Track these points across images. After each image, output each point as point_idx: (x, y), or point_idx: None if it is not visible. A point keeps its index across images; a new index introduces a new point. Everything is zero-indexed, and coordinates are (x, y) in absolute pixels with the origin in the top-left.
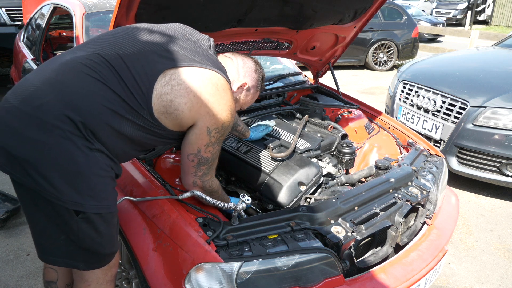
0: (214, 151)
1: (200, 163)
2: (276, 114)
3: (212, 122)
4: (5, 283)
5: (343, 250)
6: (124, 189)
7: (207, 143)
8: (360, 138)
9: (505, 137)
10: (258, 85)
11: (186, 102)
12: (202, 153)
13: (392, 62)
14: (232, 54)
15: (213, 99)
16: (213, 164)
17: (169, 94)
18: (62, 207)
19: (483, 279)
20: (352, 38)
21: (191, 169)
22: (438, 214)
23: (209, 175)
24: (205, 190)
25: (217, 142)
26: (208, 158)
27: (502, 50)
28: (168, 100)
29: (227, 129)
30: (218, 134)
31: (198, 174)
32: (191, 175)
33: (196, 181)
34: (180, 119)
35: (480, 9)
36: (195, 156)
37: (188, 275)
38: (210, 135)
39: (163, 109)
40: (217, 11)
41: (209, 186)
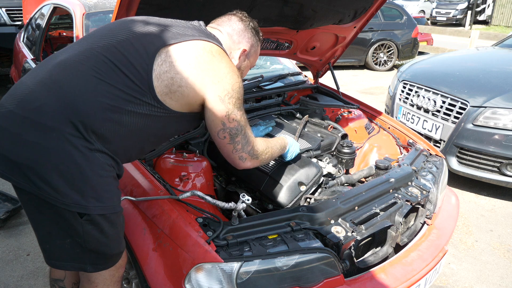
0: (239, 117)
1: (233, 136)
2: (276, 114)
3: (220, 89)
4: (5, 283)
5: (343, 250)
6: (124, 189)
7: (226, 113)
8: (360, 138)
9: (505, 137)
10: (255, 41)
11: (188, 76)
12: (227, 124)
13: (392, 62)
14: (217, 24)
15: (212, 65)
16: (246, 130)
17: (169, 71)
18: (65, 210)
19: (483, 279)
20: (352, 38)
21: (228, 147)
22: (438, 214)
23: (250, 144)
24: (258, 159)
25: (237, 108)
26: (237, 127)
27: (502, 50)
28: (169, 78)
29: (239, 90)
30: (232, 99)
31: (238, 148)
32: (234, 153)
33: (242, 156)
34: (186, 96)
35: (480, 9)
36: (223, 131)
37: (188, 275)
38: (224, 103)
39: (166, 89)
40: (217, 11)
41: (257, 153)
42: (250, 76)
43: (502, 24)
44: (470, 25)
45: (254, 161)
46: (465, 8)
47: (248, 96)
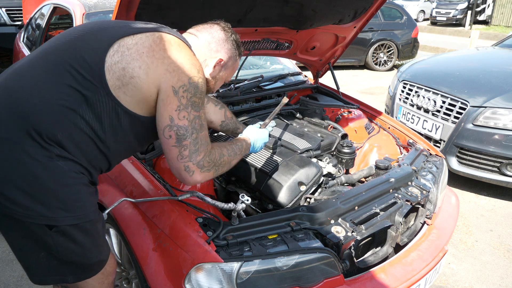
0: (191, 117)
1: (180, 138)
2: (276, 114)
3: (175, 79)
4: (5, 283)
5: (343, 250)
6: (124, 189)
7: (177, 106)
8: (360, 138)
9: (505, 137)
10: (235, 54)
11: (141, 65)
12: (176, 121)
13: (392, 62)
14: (196, 30)
15: (169, 53)
16: (198, 136)
17: (120, 62)
18: (32, 223)
19: (483, 279)
20: (352, 38)
21: (173, 151)
22: (438, 214)
23: (200, 153)
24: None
25: (191, 105)
26: (187, 127)
27: (502, 50)
28: (120, 69)
29: (198, 87)
30: (187, 93)
31: (185, 155)
32: (179, 161)
33: (188, 166)
34: (139, 89)
35: (480, 9)
36: (169, 128)
37: (188, 275)
38: (177, 95)
39: (118, 82)
40: (217, 11)
41: (208, 164)
42: (250, 76)
43: (502, 24)
44: (470, 25)
45: (205, 175)
46: (465, 8)
47: (248, 96)
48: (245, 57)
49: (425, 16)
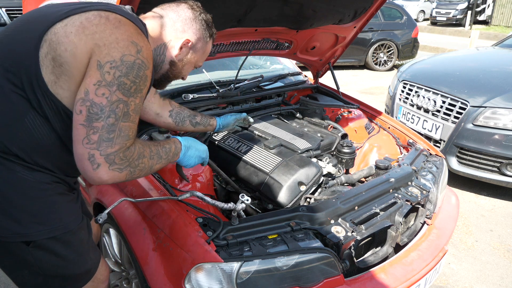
0: (114, 98)
1: (91, 116)
2: (276, 114)
3: (103, 53)
4: (5, 283)
5: (343, 250)
6: (124, 189)
7: (98, 81)
8: (360, 138)
9: (505, 137)
10: (205, 35)
11: (66, 47)
12: (91, 95)
13: (392, 62)
14: (160, 9)
15: (102, 28)
16: (116, 124)
17: (49, 52)
18: (7, 242)
19: (483, 279)
20: (352, 38)
21: (80, 130)
22: (438, 214)
23: (114, 145)
24: (122, 172)
25: (117, 85)
26: (103, 107)
27: (502, 50)
28: (50, 60)
29: (133, 68)
30: (116, 70)
31: (92, 139)
32: (83, 144)
33: (94, 155)
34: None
35: (480, 9)
36: (82, 102)
37: (188, 275)
38: (101, 70)
39: (53, 77)
40: (217, 11)
41: (121, 162)
42: (250, 76)
43: (502, 24)
44: (470, 25)
45: (114, 174)
46: (465, 8)
47: (248, 96)
48: (245, 57)
49: (425, 16)
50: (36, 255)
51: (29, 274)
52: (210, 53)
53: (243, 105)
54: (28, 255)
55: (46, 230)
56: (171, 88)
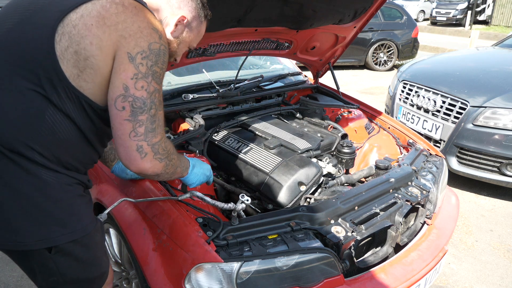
0: (151, 88)
1: (136, 111)
2: (276, 114)
3: (131, 44)
4: (5, 283)
5: (343, 250)
6: (124, 189)
7: (134, 74)
8: (360, 138)
9: (505, 137)
10: (200, 15)
11: (92, 41)
12: (131, 90)
13: (392, 62)
14: None
15: (123, 17)
16: (157, 114)
17: (70, 45)
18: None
19: (483, 279)
20: (352, 38)
21: (126, 126)
22: (438, 214)
23: (157, 135)
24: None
25: (152, 75)
26: (145, 100)
27: (502, 50)
28: (72, 54)
29: (160, 54)
30: (147, 60)
31: (139, 132)
32: (131, 137)
33: (142, 146)
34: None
35: (480, 9)
36: (123, 98)
37: (188, 275)
38: (134, 62)
39: (75, 70)
40: (217, 11)
41: (164, 152)
42: (250, 76)
43: (502, 24)
44: (470, 25)
45: (155, 163)
46: (465, 8)
47: (248, 96)
48: (245, 57)
49: (425, 16)
50: (57, 261)
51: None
52: (210, 53)
53: (243, 105)
54: (50, 262)
55: (68, 233)
56: (171, 88)
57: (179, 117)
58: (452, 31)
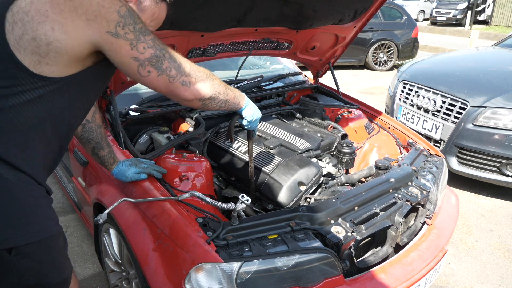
0: (150, 42)
1: (158, 65)
2: (276, 114)
3: (103, 24)
4: None
5: (343, 250)
6: (124, 189)
7: (130, 45)
8: (360, 138)
9: (505, 137)
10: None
11: (53, 26)
12: (141, 56)
13: (392, 62)
14: None
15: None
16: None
17: (26, 32)
18: None
19: (483, 279)
20: (352, 38)
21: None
22: (438, 214)
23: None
24: (205, 81)
25: (140, 32)
26: (154, 53)
27: (502, 50)
28: (29, 40)
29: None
30: (128, 27)
31: (173, 74)
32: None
33: (184, 80)
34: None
35: (480, 9)
36: (142, 67)
37: (188, 275)
38: (120, 36)
39: (35, 57)
40: (217, 11)
41: (198, 72)
42: (250, 76)
43: (502, 24)
44: (470, 25)
45: (202, 85)
46: (465, 8)
47: (248, 96)
48: (245, 57)
49: (425, 16)
50: (18, 263)
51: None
52: (210, 53)
53: None
54: (10, 263)
55: (31, 233)
56: None
57: (179, 117)
58: (452, 31)
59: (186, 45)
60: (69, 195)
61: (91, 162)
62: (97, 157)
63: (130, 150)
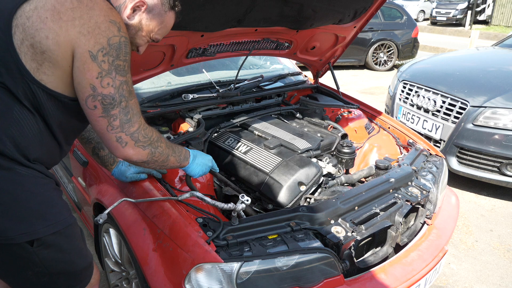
0: (117, 83)
1: (107, 107)
2: (276, 114)
3: (90, 42)
4: None
5: (343, 250)
6: (124, 189)
7: (98, 73)
8: (360, 138)
9: (505, 137)
10: (163, 3)
11: (48, 35)
12: (99, 89)
13: (392, 62)
14: None
15: (79, 13)
16: (128, 104)
17: (25, 38)
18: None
19: (483, 279)
20: (352, 38)
21: (101, 122)
22: (438, 214)
23: (134, 124)
24: (145, 149)
25: (114, 70)
26: (114, 96)
27: (502, 50)
28: (28, 46)
29: (121, 47)
30: (109, 57)
31: (115, 126)
32: (110, 132)
33: (121, 137)
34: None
35: (480, 9)
36: (93, 98)
37: (188, 275)
38: (96, 60)
39: (34, 64)
40: (217, 11)
41: (144, 140)
42: (250, 76)
43: (502, 24)
44: (470, 25)
45: (138, 151)
46: (465, 8)
47: (248, 96)
48: (245, 57)
49: (425, 16)
50: (41, 253)
51: (34, 275)
52: (210, 53)
53: (243, 105)
54: (33, 255)
55: (51, 225)
56: (171, 88)
57: (179, 117)
58: (452, 31)
59: (186, 45)
60: (69, 195)
61: (91, 162)
62: (97, 157)
63: None
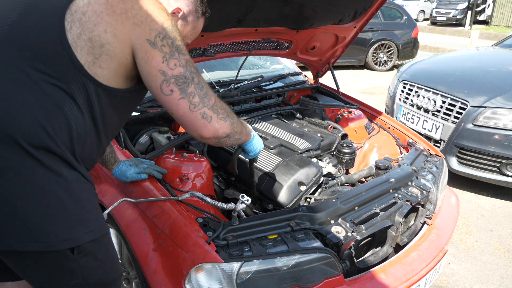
0: (183, 62)
1: (183, 87)
2: (276, 114)
3: (146, 31)
4: None
5: (343, 250)
6: (124, 189)
7: (163, 57)
8: (360, 138)
9: (505, 137)
10: (197, 10)
11: (106, 28)
12: (169, 72)
13: (392, 62)
14: None
15: (130, 4)
16: (199, 79)
17: (83, 32)
18: (52, 252)
19: (483, 279)
20: (352, 38)
21: (183, 104)
22: (438, 214)
23: (211, 97)
24: (227, 121)
25: (176, 50)
26: (184, 74)
27: (502, 50)
28: (86, 40)
29: (175, 29)
30: (166, 40)
31: (196, 102)
32: (192, 111)
33: (205, 112)
34: (113, 56)
35: (480, 9)
36: (166, 83)
37: (188, 275)
38: (157, 46)
39: (91, 57)
40: (217, 11)
41: (221, 110)
42: (250, 76)
43: (502, 24)
44: (470, 25)
45: (222, 123)
46: (465, 8)
47: (248, 96)
48: (245, 57)
49: (425, 16)
50: (81, 261)
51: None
52: (210, 53)
53: (243, 105)
54: (73, 263)
55: (90, 232)
56: None
57: None
58: (452, 31)
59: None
60: None
61: None
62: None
63: (130, 150)
